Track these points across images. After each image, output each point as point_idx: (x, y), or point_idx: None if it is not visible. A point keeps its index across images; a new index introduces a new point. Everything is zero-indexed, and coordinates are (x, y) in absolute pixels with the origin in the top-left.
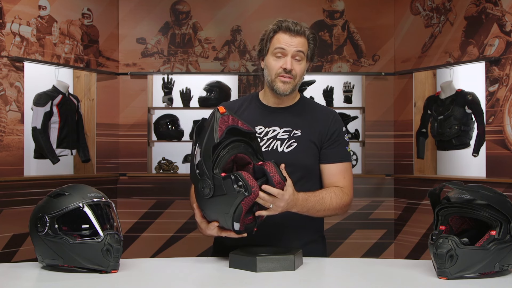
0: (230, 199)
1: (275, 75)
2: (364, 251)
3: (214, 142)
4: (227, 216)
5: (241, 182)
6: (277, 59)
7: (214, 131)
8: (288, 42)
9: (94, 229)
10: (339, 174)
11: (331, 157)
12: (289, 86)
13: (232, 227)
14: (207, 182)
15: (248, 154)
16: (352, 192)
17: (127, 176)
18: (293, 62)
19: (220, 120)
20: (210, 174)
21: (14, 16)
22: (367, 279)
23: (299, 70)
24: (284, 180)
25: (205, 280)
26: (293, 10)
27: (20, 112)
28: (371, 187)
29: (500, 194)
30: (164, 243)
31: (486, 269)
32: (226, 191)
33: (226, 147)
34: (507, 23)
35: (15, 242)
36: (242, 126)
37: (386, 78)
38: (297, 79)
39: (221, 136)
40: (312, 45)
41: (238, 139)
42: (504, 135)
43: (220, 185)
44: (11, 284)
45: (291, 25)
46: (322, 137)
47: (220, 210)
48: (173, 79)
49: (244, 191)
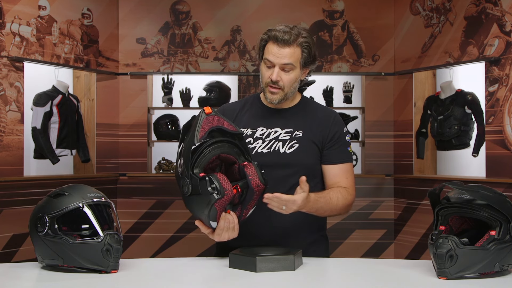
0: (205, 199)
1: (265, 84)
2: (364, 251)
3: (194, 144)
4: (203, 215)
5: (214, 185)
6: (267, 69)
7: (196, 132)
8: (276, 53)
9: (94, 229)
10: (341, 175)
11: (333, 158)
12: (277, 96)
13: (210, 225)
14: (186, 181)
15: (233, 153)
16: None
17: (127, 176)
18: (281, 73)
19: (204, 121)
20: (189, 174)
21: (14, 16)
22: (367, 279)
23: (287, 80)
24: (264, 183)
25: (205, 280)
26: (293, 10)
27: (20, 112)
28: (371, 187)
29: (500, 194)
30: (164, 243)
31: (486, 269)
32: (201, 191)
33: (210, 146)
34: (507, 23)
35: (15, 242)
36: (228, 126)
37: (386, 78)
38: (286, 89)
39: (203, 137)
40: (307, 52)
41: (223, 139)
42: (504, 135)
43: (196, 185)
44: (11, 284)
45: (280, 34)
46: (323, 139)
47: (198, 209)
48: (173, 79)
49: (217, 194)
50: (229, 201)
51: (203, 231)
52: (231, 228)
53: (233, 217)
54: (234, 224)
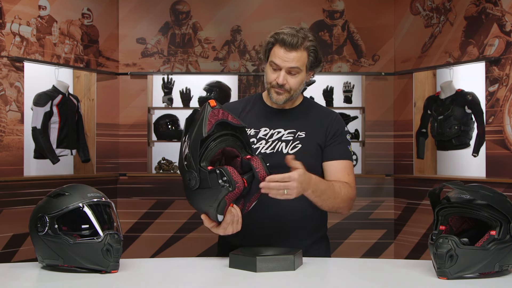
0: (215, 192)
1: (270, 86)
2: (364, 251)
3: (202, 136)
4: (211, 209)
5: (225, 177)
6: (273, 71)
7: (203, 124)
8: (282, 57)
9: (94, 229)
10: (342, 171)
11: (334, 154)
12: (283, 97)
13: (216, 219)
14: (193, 175)
15: (237, 147)
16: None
17: (127, 176)
18: (287, 76)
19: (210, 113)
20: (197, 167)
21: (14, 16)
22: (367, 279)
23: (294, 83)
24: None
25: (205, 280)
26: (293, 10)
27: (20, 112)
28: (371, 187)
29: (500, 194)
30: (164, 243)
31: (486, 269)
32: (211, 184)
33: (215, 140)
34: (507, 23)
35: (15, 242)
36: (232, 120)
37: (386, 78)
38: (292, 91)
39: (210, 130)
40: (313, 56)
41: (228, 133)
42: (504, 135)
43: (205, 178)
44: (11, 284)
45: (287, 38)
46: (325, 137)
47: (205, 202)
48: (173, 79)
49: (228, 186)
50: (239, 193)
51: (207, 225)
52: (236, 222)
53: (236, 211)
54: (238, 218)
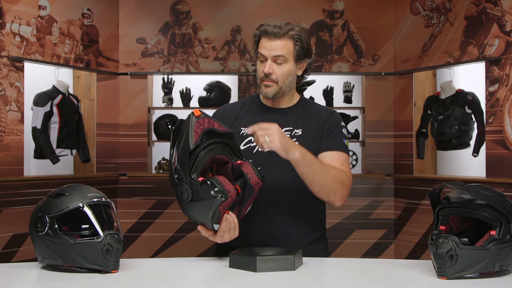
0: (208, 204)
1: (260, 79)
2: (364, 251)
3: (190, 148)
4: (206, 219)
5: (217, 188)
6: (261, 63)
7: (189, 136)
8: (267, 46)
9: (94, 229)
10: (337, 161)
11: (329, 145)
12: (271, 90)
13: (213, 228)
14: (185, 187)
15: (226, 154)
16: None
17: (127, 176)
18: (273, 66)
19: (195, 124)
20: (188, 180)
21: (14, 16)
22: (367, 279)
23: (280, 73)
24: (262, 180)
25: (205, 280)
26: (293, 10)
27: (20, 112)
28: (371, 187)
29: (500, 194)
30: (164, 243)
31: (486, 269)
32: (203, 196)
33: (204, 149)
34: (507, 23)
35: (15, 242)
36: (219, 127)
37: (386, 78)
38: (280, 82)
39: (197, 141)
40: (299, 45)
41: (216, 141)
42: (504, 135)
43: (197, 190)
44: (11, 284)
45: (270, 28)
46: (321, 132)
47: (200, 214)
48: (173, 79)
49: (221, 197)
50: (232, 202)
51: (204, 234)
52: (232, 229)
53: (232, 217)
54: (234, 224)
